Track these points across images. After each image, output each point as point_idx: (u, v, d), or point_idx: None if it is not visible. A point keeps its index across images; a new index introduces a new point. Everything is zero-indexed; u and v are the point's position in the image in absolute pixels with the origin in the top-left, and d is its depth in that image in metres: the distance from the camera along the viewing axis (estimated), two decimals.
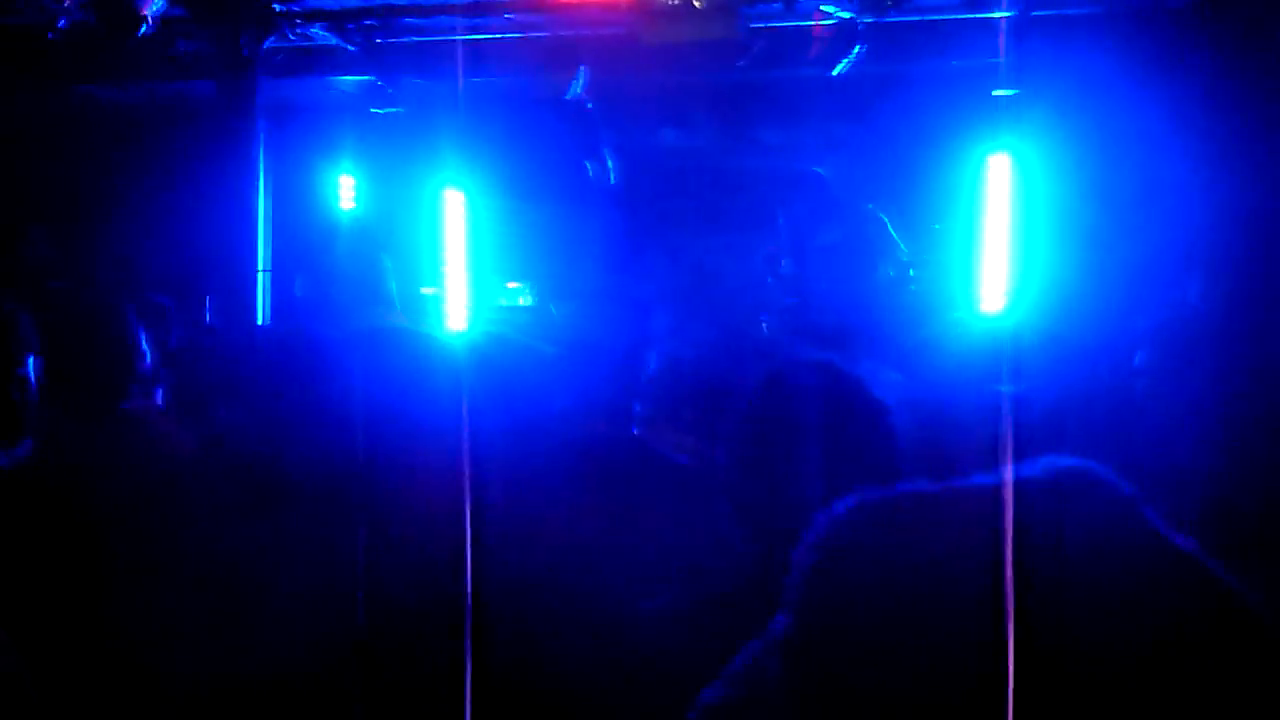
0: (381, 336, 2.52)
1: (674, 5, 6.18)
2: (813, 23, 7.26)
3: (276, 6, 7.82)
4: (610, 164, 7.03)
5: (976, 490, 0.96)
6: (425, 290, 7.06)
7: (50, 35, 6.58)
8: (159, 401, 4.19)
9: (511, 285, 5.90)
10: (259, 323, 7.46)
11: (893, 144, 8.53)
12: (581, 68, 7.19)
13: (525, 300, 5.90)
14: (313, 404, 2.36)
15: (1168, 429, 3.61)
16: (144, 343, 3.29)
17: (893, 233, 7.45)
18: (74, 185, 9.20)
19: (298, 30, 8.05)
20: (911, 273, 7.53)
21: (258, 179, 8.05)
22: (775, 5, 6.53)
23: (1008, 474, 0.94)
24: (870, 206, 6.90)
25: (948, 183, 8.35)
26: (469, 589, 2.08)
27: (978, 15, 7.68)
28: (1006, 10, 7.61)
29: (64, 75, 8.24)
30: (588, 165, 6.90)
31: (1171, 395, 3.82)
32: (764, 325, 6.86)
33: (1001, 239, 8.06)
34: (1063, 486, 0.92)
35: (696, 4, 6.22)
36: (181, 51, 8.08)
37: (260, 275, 7.82)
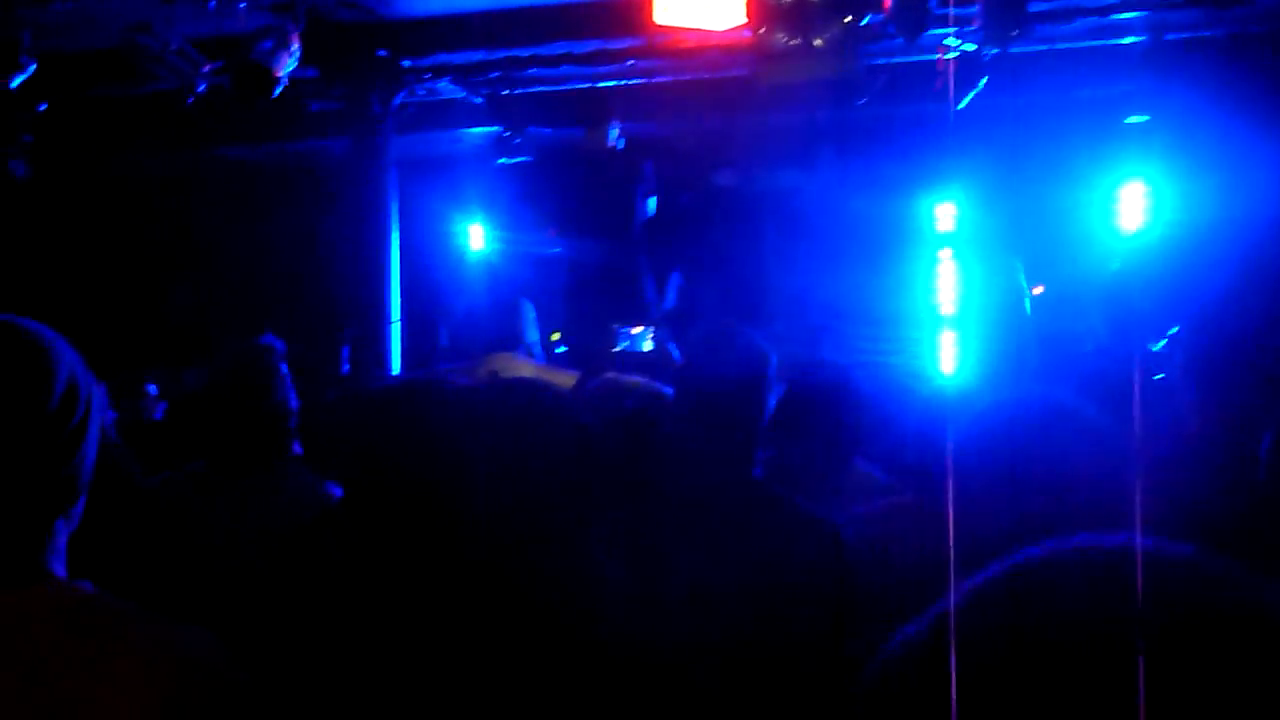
0: (513, 388, 2.50)
1: (792, 45, 6.18)
2: (936, 56, 7.18)
3: (404, 63, 8.01)
4: (652, 203, 6.93)
5: None
6: (554, 337, 7.12)
7: (189, 100, 6.81)
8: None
9: (635, 330, 5.91)
10: (394, 372, 7.59)
11: (1024, 177, 8.41)
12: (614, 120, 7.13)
13: (648, 345, 5.90)
14: (442, 458, 2.35)
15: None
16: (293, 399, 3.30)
17: (1023, 280, 7.42)
18: (214, 245, 9.51)
19: (425, 85, 8.23)
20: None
21: (391, 231, 8.23)
22: (896, 41, 6.48)
23: None
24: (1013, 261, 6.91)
25: (1081, 212, 8.21)
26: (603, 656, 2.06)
27: (1106, 42, 7.54)
28: (1137, 35, 7.46)
29: (203, 138, 8.53)
30: (638, 206, 6.84)
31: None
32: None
33: (1141, 266, 7.89)
34: None
35: (816, 43, 6.20)
36: (314, 110, 8.32)
37: (395, 325, 7.96)
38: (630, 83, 8.14)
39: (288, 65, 6.68)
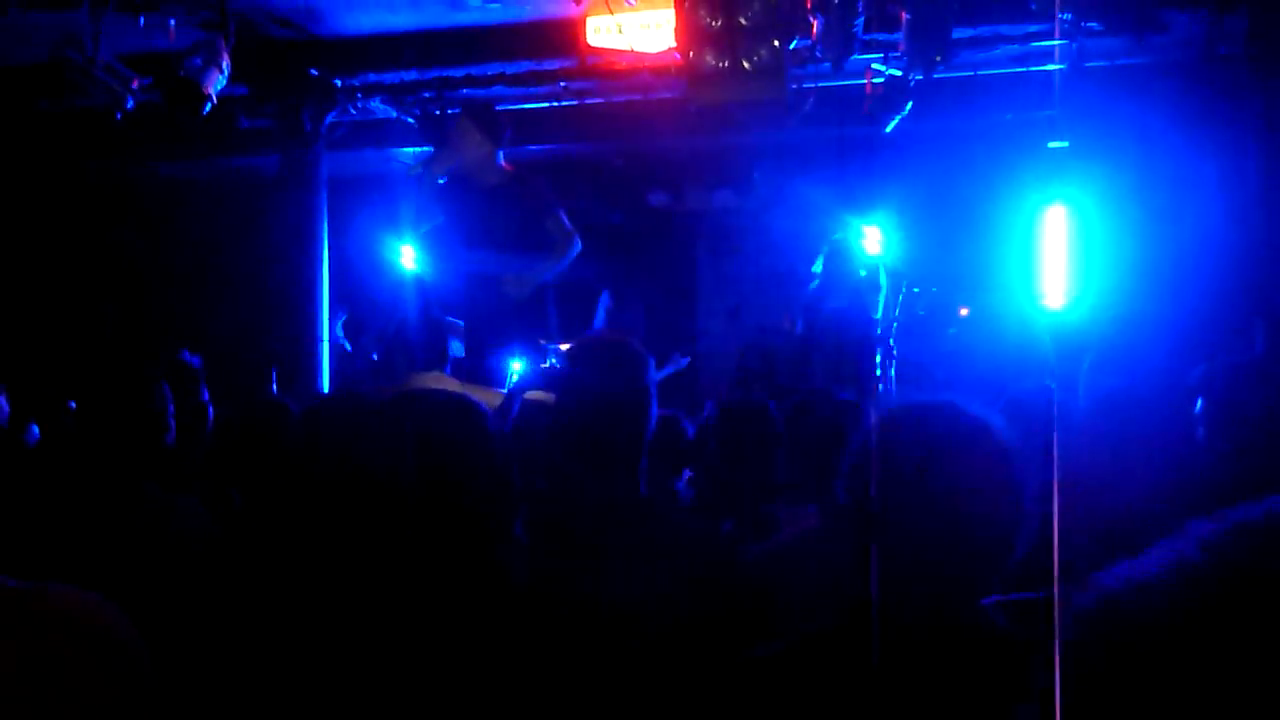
0: (424, 400, 2.50)
1: (722, 68, 6.26)
2: (863, 81, 7.30)
3: (337, 82, 8.02)
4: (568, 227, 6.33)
5: None
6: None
7: (119, 115, 6.77)
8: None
9: (564, 347, 5.93)
10: (322, 390, 7.58)
11: (949, 200, 8.56)
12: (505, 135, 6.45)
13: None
14: (354, 473, 2.36)
15: (1224, 476, 3.59)
16: (170, 417, 3.15)
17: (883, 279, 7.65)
18: (145, 259, 9.45)
19: (358, 104, 8.25)
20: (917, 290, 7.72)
21: (322, 250, 8.22)
22: (824, 65, 6.59)
23: None
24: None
25: (1004, 235, 8.37)
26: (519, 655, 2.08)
27: (1029, 69, 7.70)
28: (1057, 63, 7.62)
29: (133, 153, 8.49)
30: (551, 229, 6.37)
31: (1229, 443, 3.80)
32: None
33: (1061, 289, 8.04)
34: None
35: (745, 66, 6.29)
36: (246, 127, 8.31)
37: (324, 344, 7.95)
38: (563, 104, 8.20)
39: (218, 82, 6.67)
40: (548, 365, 5.20)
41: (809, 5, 6.29)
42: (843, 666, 1.93)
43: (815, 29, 6.37)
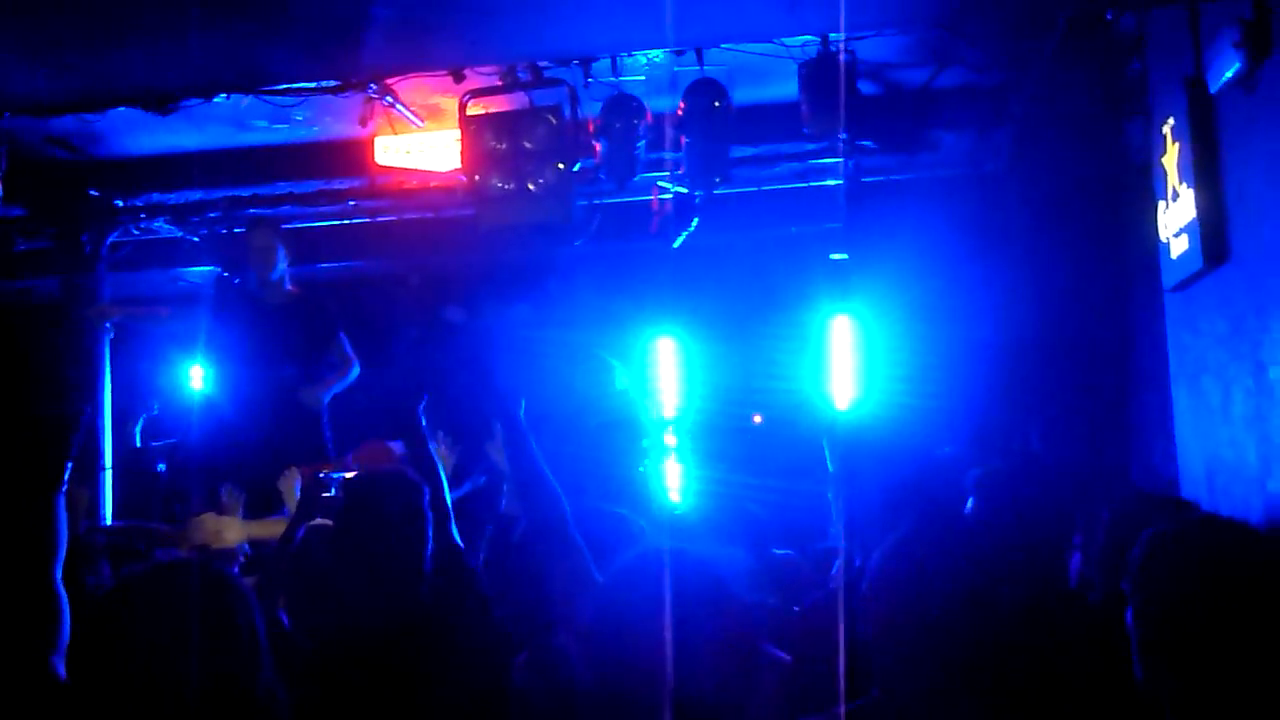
0: (168, 580, 2.34)
1: (508, 190, 6.34)
2: (649, 198, 7.46)
3: (118, 202, 7.85)
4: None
5: None
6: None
7: None
8: None
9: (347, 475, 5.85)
10: (105, 523, 7.28)
11: (738, 309, 8.76)
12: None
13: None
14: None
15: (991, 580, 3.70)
16: None
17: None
18: None
19: (141, 225, 8.07)
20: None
21: (103, 373, 7.97)
22: (608, 184, 6.71)
23: None
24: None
25: (793, 343, 8.61)
26: None
27: (810, 184, 7.95)
28: (837, 179, 7.90)
29: None
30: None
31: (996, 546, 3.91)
32: None
33: (847, 393, 8.30)
34: None
35: (531, 188, 6.38)
36: (22, 250, 8.06)
37: (106, 472, 7.67)
38: (354, 221, 8.17)
39: None
40: (329, 494, 5.13)
41: (591, 129, 6.42)
42: None
43: (599, 151, 6.50)
